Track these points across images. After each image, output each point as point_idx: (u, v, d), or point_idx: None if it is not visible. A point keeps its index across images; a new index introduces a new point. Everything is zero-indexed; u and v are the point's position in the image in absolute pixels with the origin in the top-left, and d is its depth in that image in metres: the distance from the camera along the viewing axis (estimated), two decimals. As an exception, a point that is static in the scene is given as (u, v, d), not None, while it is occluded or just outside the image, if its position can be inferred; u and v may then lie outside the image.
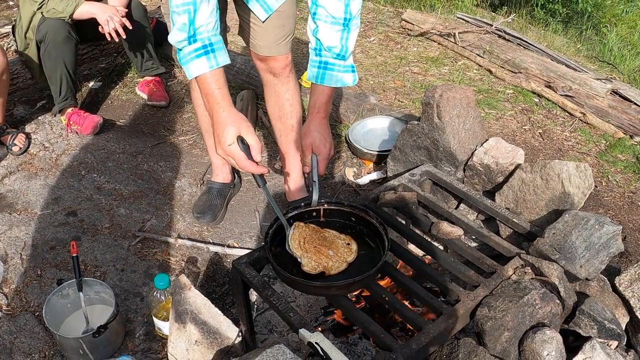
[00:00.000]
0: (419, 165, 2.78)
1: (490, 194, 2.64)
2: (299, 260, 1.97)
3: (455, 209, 2.62)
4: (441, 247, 2.44)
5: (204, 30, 1.94)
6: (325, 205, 2.18)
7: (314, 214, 2.17)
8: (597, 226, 2.13)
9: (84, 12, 3.76)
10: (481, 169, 2.62)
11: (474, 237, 2.50)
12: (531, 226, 2.33)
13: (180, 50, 1.99)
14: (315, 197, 2.15)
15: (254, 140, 1.92)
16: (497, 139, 2.67)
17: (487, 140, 2.70)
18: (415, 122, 2.78)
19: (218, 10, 2.00)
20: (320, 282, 1.91)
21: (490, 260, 2.12)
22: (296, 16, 2.78)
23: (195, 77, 1.98)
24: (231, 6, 2.70)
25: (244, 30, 2.75)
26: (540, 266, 2.04)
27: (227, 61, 2.00)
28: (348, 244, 2.05)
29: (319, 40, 2.21)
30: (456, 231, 2.28)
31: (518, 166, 2.54)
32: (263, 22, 2.63)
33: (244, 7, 2.63)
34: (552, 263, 2.05)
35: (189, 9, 1.89)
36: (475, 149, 2.68)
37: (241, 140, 1.91)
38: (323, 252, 1.99)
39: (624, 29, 8.74)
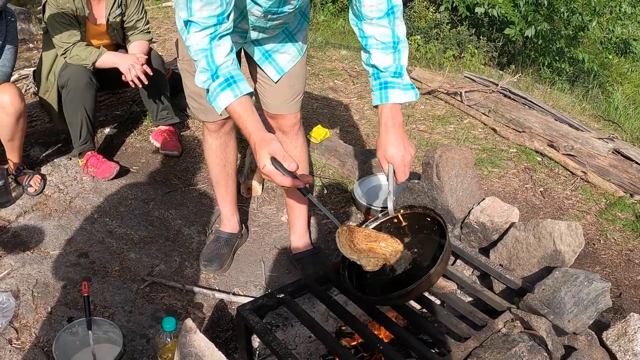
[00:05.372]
0: (418, 222, 2.86)
1: (486, 250, 2.72)
2: (358, 263, 2.03)
3: (452, 264, 2.70)
4: (438, 302, 2.52)
5: (224, 67, 2.09)
6: (402, 211, 2.28)
7: (395, 220, 2.28)
8: (586, 283, 2.20)
9: (106, 61, 3.92)
10: (477, 226, 2.71)
11: (468, 291, 2.59)
12: (523, 282, 2.41)
13: (208, 91, 2.13)
14: (390, 206, 2.27)
15: (280, 155, 1.98)
16: (493, 199, 2.77)
17: (483, 199, 2.79)
18: (416, 181, 2.88)
19: (233, 51, 2.14)
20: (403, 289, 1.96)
21: (481, 314, 2.20)
22: (306, 76, 2.91)
23: (226, 109, 2.10)
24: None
25: (256, 89, 2.88)
26: (529, 320, 2.12)
27: (250, 90, 2.11)
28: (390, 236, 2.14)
29: (375, 66, 2.35)
30: (450, 285, 2.37)
31: (512, 224, 2.63)
32: (275, 82, 2.77)
33: (257, 67, 2.77)
34: (541, 317, 2.13)
35: (206, 53, 2.06)
36: (472, 208, 2.77)
37: (274, 159, 1.99)
38: (375, 246, 2.06)
39: (629, 88, 8.85)
